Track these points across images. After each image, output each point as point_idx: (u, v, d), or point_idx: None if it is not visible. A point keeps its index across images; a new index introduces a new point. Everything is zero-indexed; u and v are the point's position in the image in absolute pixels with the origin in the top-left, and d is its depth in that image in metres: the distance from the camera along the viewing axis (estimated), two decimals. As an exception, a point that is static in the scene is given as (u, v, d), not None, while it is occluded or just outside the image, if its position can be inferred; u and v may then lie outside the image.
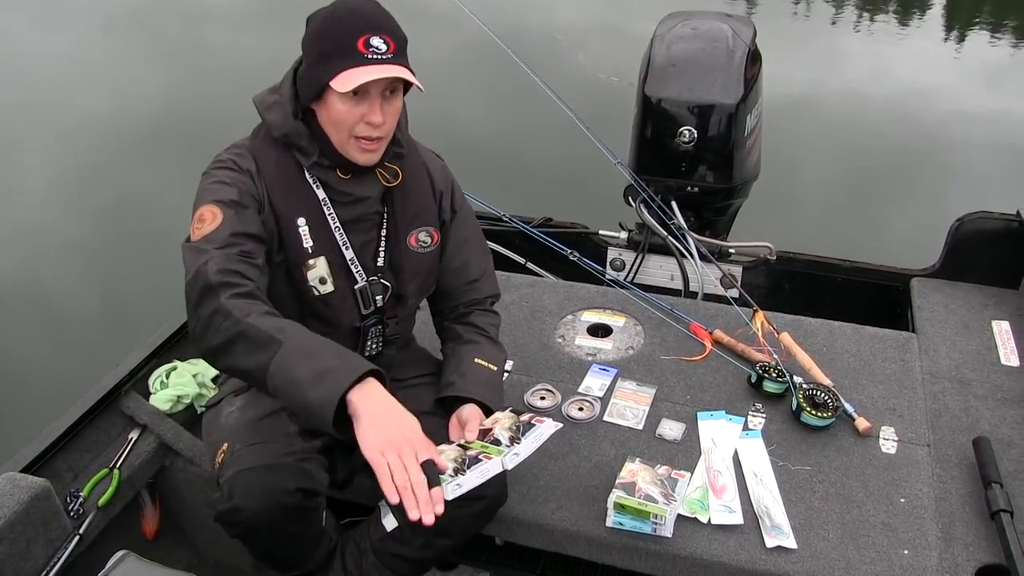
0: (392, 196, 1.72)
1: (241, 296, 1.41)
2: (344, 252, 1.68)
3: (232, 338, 1.38)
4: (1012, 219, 2.52)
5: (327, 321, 1.70)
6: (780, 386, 2.11)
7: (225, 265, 1.44)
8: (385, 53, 1.50)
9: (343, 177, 1.65)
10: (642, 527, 1.74)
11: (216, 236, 1.49)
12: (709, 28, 2.80)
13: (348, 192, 1.66)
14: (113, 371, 2.16)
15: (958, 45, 7.65)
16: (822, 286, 2.87)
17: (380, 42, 1.49)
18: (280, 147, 1.62)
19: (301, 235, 1.63)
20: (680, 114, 2.72)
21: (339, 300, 1.70)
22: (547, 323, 2.45)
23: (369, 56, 1.48)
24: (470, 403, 1.74)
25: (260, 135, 1.65)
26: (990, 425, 2.04)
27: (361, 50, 1.48)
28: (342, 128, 1.56)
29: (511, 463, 1.58)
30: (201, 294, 1.41)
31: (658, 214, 2.80)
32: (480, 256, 1.91)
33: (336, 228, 1.67)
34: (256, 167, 1.61)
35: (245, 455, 1.60)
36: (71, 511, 1.85)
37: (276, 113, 1.61)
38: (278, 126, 1.61)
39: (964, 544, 1.74)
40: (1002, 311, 2.46)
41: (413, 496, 1.27)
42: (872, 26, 8.06)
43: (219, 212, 1.52)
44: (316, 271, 1.65)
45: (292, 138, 1.60)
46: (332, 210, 1.66)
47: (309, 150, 1.61)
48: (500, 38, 2.82)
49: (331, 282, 1.67)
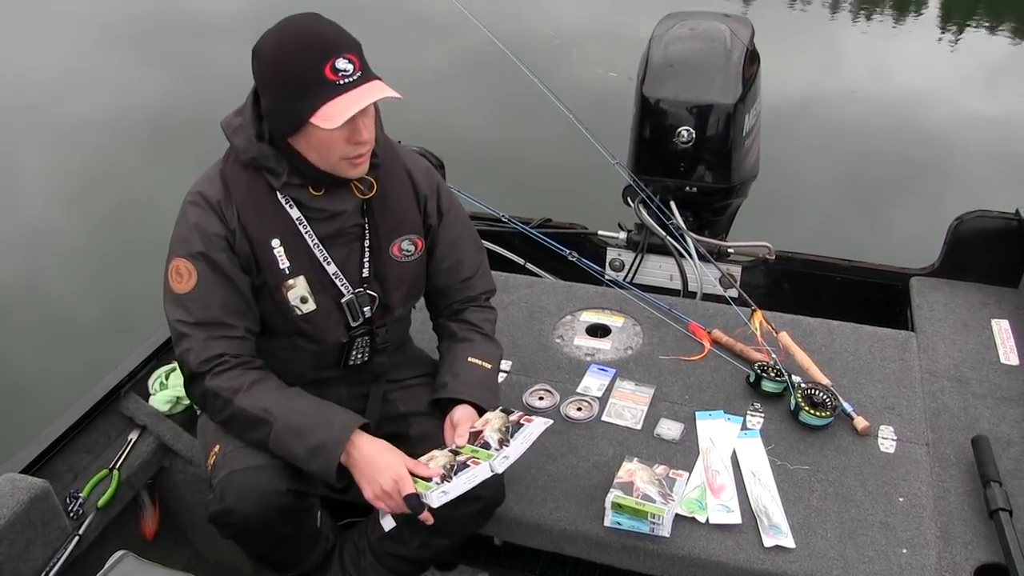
0: (372, 207, 1.69)
1: (224, 372, 1.57)
2: (326, 268, 1.66)
3: (227, 419, 1.59)
4: (1011, 217, 2.51)
5: (312, 338, 1.70)
6: (779, 385, 2.11)
7: (204, 354, 1.57)
8: (354, 73, 1.45)
9: (316, 194, 1.61)
10: (640, 527, 1.74)
11: (192, 302, 1.57)
12: (707, 28, 2.80)
13: (323, 208, 1.63)
14: (112, 372, 2.16)
15: (953, 44, 7.65)
16: (821, 285, 2.87)
17: (345, 63, 1.45)
18: (250, 170, 1.59)
19: (276, 257, 1.61)
20: (678, 114, 2.72)
21: (322, 317, 1.68)
22: (546, 323, 2.45)
23: (341, 82, 1.45)
24: (463, 404, 1.73)
25: (231, 158, 1.63)
26: (989, 424, 2.04)
27: (331, 78, 1.44)
28: (330, 154, 1.53)
29: (500, 467, 1.57)
30: (189, 380, 1.61)
31: (657, 214, 2.80)
32: (473, 253, 1.89)
33: (315, 245, 1.64)
34: (227, 192, 1.60)
35: (237, 457, 1.60)
36: (70, 512, 1.85)
37: (240, 137, 1.58)
38: (243, 150, 1.58)
39: (963, 543, 1.74)
40: (1001, 310, 2.46)
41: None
42: (868, 25, 8.06)
43: (192, 269, 1.57)
44: (296, 291, 1.64)
45: (259, 161, 1.57)
46: (308, 227, 1.63)
47: (278, 170, 1.58)
48: (499, 41, 2.82)
49: (312, 300, 1.65)
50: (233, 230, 1.59)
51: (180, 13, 7.80)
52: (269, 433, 1.54)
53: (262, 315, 1.65)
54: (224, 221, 1.58)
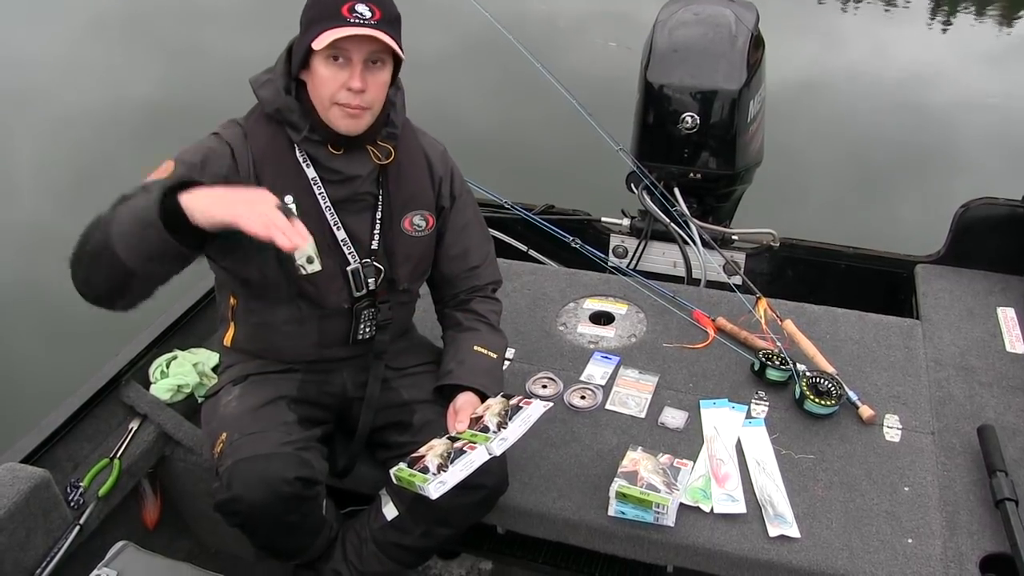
0: (387, 177, 1.71)
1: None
2: (336, 232, 1.67)
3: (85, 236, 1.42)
4: (1017, 205, 2.50)
5: (315, 301, 1.70)
6: (783, 374, 2.09)
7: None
8: (369, 20, 1.50)
9: (334, 152, 1.64)
10: (644, 516, 1.73)
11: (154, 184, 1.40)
12: (711, 13, 2.78)
13: (339, 170, 1.65)
14: (113, 360, 2.15)
15: (944, 27, 7.58)
16: (826, 273, 2.85)
17: (365, 9, 1.50)
18: (273, 124, 1.63)
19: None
20: (683, 100, 2.70)
21: (326, 280, 1.68)
22: (549, 311, 2.44)
23: (351, 20, 1.50)
24: (467, 391, 1.73)
25: (255, 114, 1.66)
26: (995, 413, 2.03)
27: (344, 14, 1.50)
28: (324, 94, 1.56)
29: (498, 448, 1.57)
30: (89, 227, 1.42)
31: (661, 201, 2.78)
32: (481, 242, 1.89)
33: (327, 208, 1.66)
34: (246, 141, 1.62)
35: (244, 444, 1.60)
36: (71, 501, 1.84)
37: (268, 89, 1.62)
38: (269, 101, 1.61)
39: (968, 532, 1.73)
40: (1007, 297, 2.44)
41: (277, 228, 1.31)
42: (859, 6, 7.99)
43: (172, 166, 1.55)
44: (303, 249, 1.63)
45: (283, 113, 1.60)
46: (323, 189, 1.65)
47: (300, 125, 1.60)
48: (501, 26, 2.80)
49: (318, 261, 1.66)
50: (246, 178, 1.59)
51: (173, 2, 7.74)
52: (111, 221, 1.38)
53: (266, 276, 1.65)
54: (234, 161, 1.60)
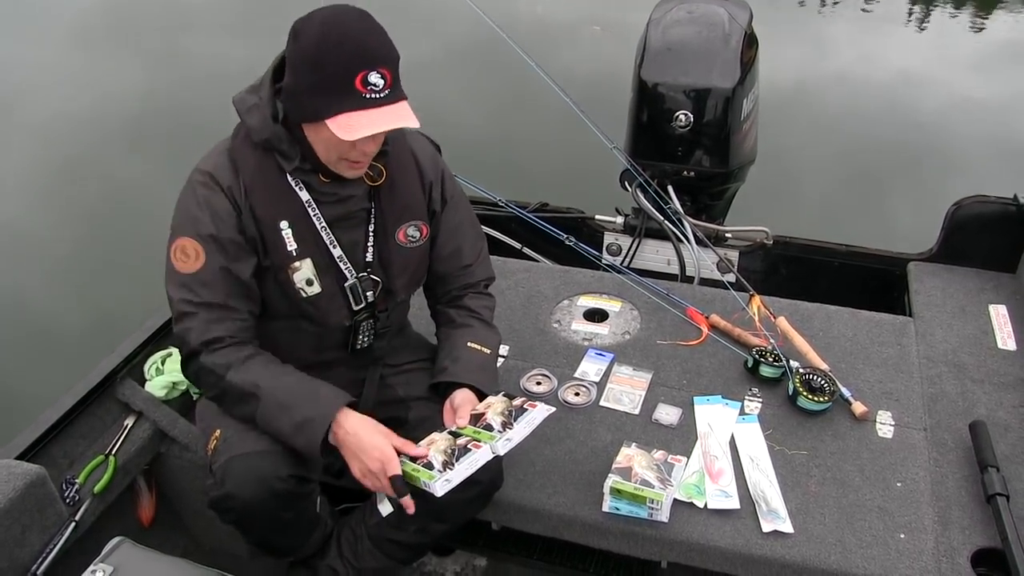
0: (379, 192, 1.69)
1: (220, 350, 1.57)
2: (331, 251, 1.66)
3: (219, 394, 1.60)
4: (1009, 203, 2.51)
5: (316, 321, 1.70)
6: (776, 370, 2.10)
7: (205, 335, 1.56)
8: (383, 90, 1.45)
9: (325, 180, 1.62)
10: (638, 512, 1.74)
11: (198, 283, 1.56)
12: (705, 12, 2.78)
13: (332, 192, 1.64)
14: (108, 357, 2.14)
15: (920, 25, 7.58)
16: (819, 270, 2.86)
17: (378, 78, 1.44)
18: (260, 150, 1.59)
19: (284, 238, 1.61)
20: (676, 98, 2.71)
21: (327, 300, 1.68)
22: (543, 308, 2.44)
23: (368, 96, 1.44)
24: (463, 388, 1.73)
25: (240, 136, 1.61)
26: (987, 409, 2.04)
27: (359, 89, 1.43)
28: (332, 152, 1.53)
29: (503, 448, 1.58)
30: (187, 357, 1.61)
31: (654, 199, 2.79)
32: (473, 240, 1.89)
33: (322, 228, 1.64)
34: (236, 172, 1.59)
35: (237, 441, 1.60)
36: (67, 498, 1.84)
37: (255, 117, 1.56)
38: (258, 130, 1.56)
39: (960, 528, 1.75)
40: (999, 295, 2.45)
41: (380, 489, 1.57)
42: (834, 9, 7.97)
43: (200, 249, 1.56)
44: (302, 273, 1.64)
45: (272, 143, 1.56)
46: (317, 210, 1.63)
47: (290, 154, 1.57)
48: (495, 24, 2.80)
49: (318, 283, 1.66)
50: (241, 211, 1.58)
51: (158, 4, 7.62)
52: (257, 407, 1.55)
53: (265, 297, 1.65)
54: (233, 202, 1.58)
